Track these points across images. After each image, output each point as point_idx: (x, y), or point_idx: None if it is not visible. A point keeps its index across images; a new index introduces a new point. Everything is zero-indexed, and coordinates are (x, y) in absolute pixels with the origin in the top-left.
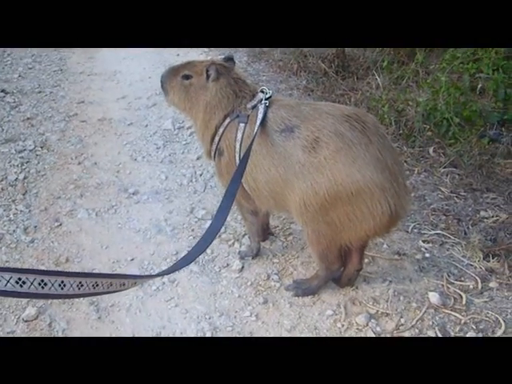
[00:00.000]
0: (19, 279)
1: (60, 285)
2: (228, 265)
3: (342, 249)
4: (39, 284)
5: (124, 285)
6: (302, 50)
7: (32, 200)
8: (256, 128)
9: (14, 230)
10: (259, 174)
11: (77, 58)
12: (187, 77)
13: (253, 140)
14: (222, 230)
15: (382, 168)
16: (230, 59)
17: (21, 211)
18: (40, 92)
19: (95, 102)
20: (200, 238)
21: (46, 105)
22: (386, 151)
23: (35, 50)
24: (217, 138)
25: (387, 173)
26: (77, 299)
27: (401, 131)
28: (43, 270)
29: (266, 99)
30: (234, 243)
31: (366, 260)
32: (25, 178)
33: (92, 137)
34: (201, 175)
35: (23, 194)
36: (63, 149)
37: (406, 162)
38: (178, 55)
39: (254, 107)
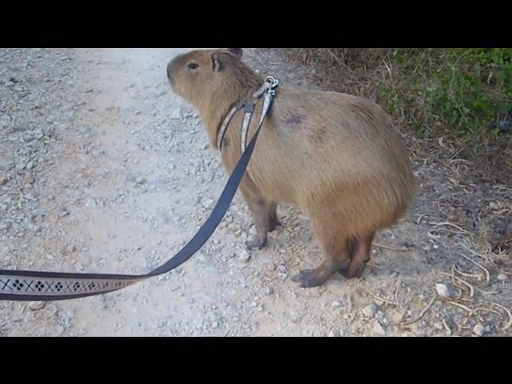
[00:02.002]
0: (17, 281)
1: (57, 286)
2: (235, 255)
3: (348, 240)
4: (36, 286)
5: (120, 284)
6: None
7: (40, 189)
8: (262, 117)
9: (21, 219)
10: (265, 164)
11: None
12: (193, 66)
13: (258, 129)
14: (229, 219)
15: (388, 158)
16: (237, 51)
17: (29, 200)
18: (49, 81)
19: (104, 91)
20: (200, 229)
21: (54, 94)
22: (392, 141)
23: None
24: (223, 128)
25: (394, 163)
26: None
27: (410, 121)
28: (40, 272)
29: (272, 88)
30: (240, 233)
31: (373, 251)
32: (33, 166)
33: (100, 126)
34: (208, 164)
35: (31, 183)
36: (71, 138)
37: (415, 152)
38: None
39: (260, 96)
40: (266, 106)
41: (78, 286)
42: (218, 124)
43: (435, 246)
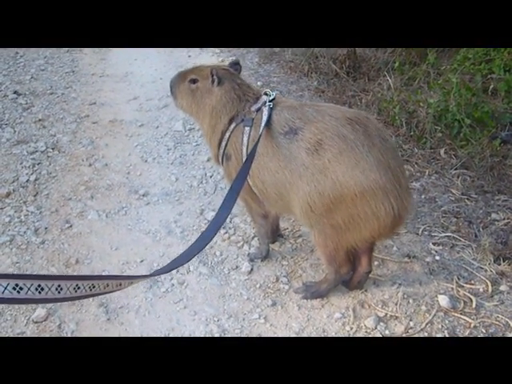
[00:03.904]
0: (16, 285)
1: (57, 289)
2: (237, 267)
3: (349, 252)
4: (36, 289)
5: (120, 285)
6: (313, 51)
7: (43, 201)
8: (261, 129)
9: (24, 232)
10: (266, 176)
11: (89, 59)
12: (194, 81)
13: (258, 140)
14: (231, 231)
15: (384, 170)
16: (236, 64)
17: (32, 212)
18: (52, 93)
19: (107, 104)
20: (201, 234)
21: (57, 106)
22: (388, 153)
23: (48, 52)
24: (223, 143)
25: (390, 174)
26: (85, 300)
27: (412, 132)
28: (40, 275)
29: (269, 101)
30: (243, 245)
31: (375, 262)
32: (36, 179)
33: (103, 138)
34: (211, 177)
35: (34, 196)
36: (74, 150)
37: (416, 163)
38: (190, 56)
39: (259, 110)
40: (264, 118)
41: (79, 288)
42: (219, 139)
43: (437, 258)
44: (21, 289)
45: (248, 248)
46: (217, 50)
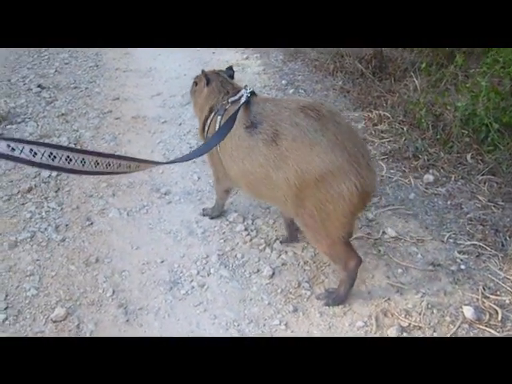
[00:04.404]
0: (31, 150)
1: (67, 159)
2: (258, 270)
3: (344, 242)
4: (49, 156)
5: (130, 167)
6: (338, 50)
7: (64, 198)
8: (237, 111)
9: (45, 228)
10: (234, 165)
11: (112, 53)
12: (196, 84)
13: (235, 113)
14: (253, 234)
15: (340, 151)
16: (230, 69)
17: (53, 209)
18: (75, 88)
19: (130, 99)
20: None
21: (80, 101)
22: (343, 135)
23: None
24: (206, 129)
25: (346, 154)
26: (105, 300)
27: (438, 136)
28: (53, 145)
29: (248, 93)
30: (264, 248)
31: (399, 270)
32: (58, 174)
33: (126, 134)
34: None
35: (56, 192)
36: (97, 146)
37: (442, 168)
38: (214, 53)
39: (234, 102)
40: (241, 101)
41: (84, 163)
42: (203, 126)
43: (462, 267)
44: (35, 154)
45: (270, 251)
46: (241, 48)
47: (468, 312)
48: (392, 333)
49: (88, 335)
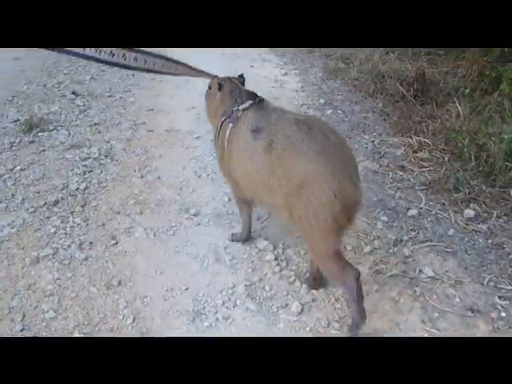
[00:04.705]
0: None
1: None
2: (287, 305)
3: (336, 257)
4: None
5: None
6: (379, 70)
7: (90, 213)
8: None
9: (68, 245)
10: (238, 167)
11: None
12: (209, 87)
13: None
14: (283, 264)
15: (323, 161)
16: (241, 77)
17: (78, 225)
18: (110, 96)
19: (164, 111)
20: None
21: (114, 110)
22: (329, 147)
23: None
24: (217, 135)
25: (329, 165)
26: (125, 329)
27: (480, 168)
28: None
29: (258, 101)
30: (294, 281)
31: (435, 314)
32: (85, 188)
33: (158, 148)
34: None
35: (82, 206)
36: (127, 159)
37: (484, 202)
38: (252, 67)
39: (245, 109)
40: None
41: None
42: (216, 133)
43: (503, 314)
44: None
45: (300, 285)
46: (280, 62)
47: None
48: None
49: None
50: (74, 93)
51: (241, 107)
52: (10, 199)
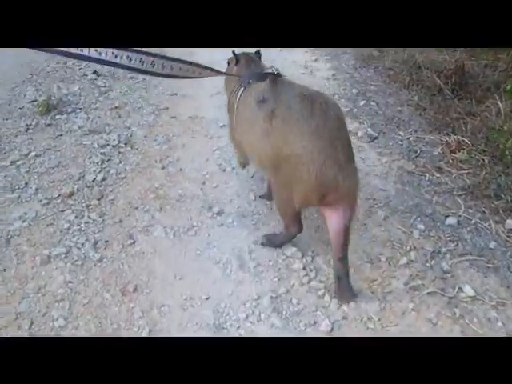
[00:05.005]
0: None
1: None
2: (315, 323)
3: (295, 213)
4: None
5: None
6: (415, 61)
7: (107, 208)
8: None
9: (82, 244)
10: (243, 134)
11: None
12: (228, 63)
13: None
14: (312, 275)
15: (314, 139)
16: (257, 52)
17: (93, 220)
18: (132, 78)
19: (188, 96)
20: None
21: (136, 93)
22: (325, 125)
23: None
24: (229, 100)
25: (318, 144)
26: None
27: None
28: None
29: (275, 73)
30: (324, 295)
31: None
32: (103, 179)
33: (180, 137)
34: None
35: (98, 200)
36: (148, 148)
37: None
38: (281, 51)
39: (260, 78)
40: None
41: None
42: (229, 98)
43: None
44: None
45: (329, 299)
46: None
47: None
48: None
49: None
50: (95, 72)
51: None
52: (22, 188)
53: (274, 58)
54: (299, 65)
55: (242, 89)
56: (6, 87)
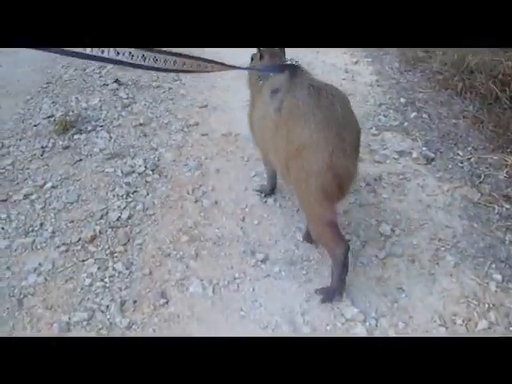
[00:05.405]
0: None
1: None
2: None
3: (329, 224)
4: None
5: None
6: (467, 64)
7: (134, 255)
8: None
9: (107, 306)
10: (256, 124)
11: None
12: (252, 59)
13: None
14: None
15: (322, 130)
16: (281, 48)
17: (119, 273)
18: (158, 87)
19: (219, 108)
20: None
21: (162, 106)
22: (332, 116)
23: None
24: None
25: (326, 135)
26: None
27: None
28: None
29: (294, 67)
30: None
31: None
32: (129, 217)
33: (214, 160)
34: (348, 241)
35: (124, 245)
36: (178, 175)
37: None
38: (318, 52)
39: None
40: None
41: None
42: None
43: None
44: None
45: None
46: (348, 49)
47: None
48: None
49: None
50: (116, 81)
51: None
52: (37, 231)
53: (311, 60)
54: (339, 68)
55: (261, 82)
56: (20, 99)
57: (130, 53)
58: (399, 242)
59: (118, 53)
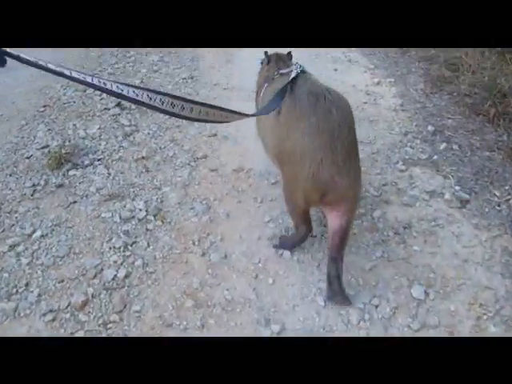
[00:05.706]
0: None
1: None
2: None
3: (302, 211)
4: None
5: (227, 117)
6: (498, 86)
7: (131, 326)
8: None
9: None
10: (259, 123)
11: (211, 59)
12: (261, 63)
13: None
14: None
15: (314, 138)
16: (289, 53)
17: None
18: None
19: (230, 137)
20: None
21: (167, 134)
22: (327, 124)
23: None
24: (258, 98)
25: (318, 143)
26: None
27: None
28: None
29: (299, 70)
30: None
31: None
32: (126, 275)
33: (223, 202)
34: (376, 308)
35: (119, 312)
36: (183, 221)
37: None
38: (336, 70)
39: (284, 74)
40: (292, 75)
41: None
42: (256, 95)
43: None
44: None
45: None
46: (370, 64)
47: None
48: None
49: None
50: (118, 104)
51: (280, 71)
52: (22, 293)
53: (327, 80)
54: (359, 90)
55: (266, 84)
56: (14, 124)
57: (148, 95)
58: (434, 308)
59: (137, 94)
